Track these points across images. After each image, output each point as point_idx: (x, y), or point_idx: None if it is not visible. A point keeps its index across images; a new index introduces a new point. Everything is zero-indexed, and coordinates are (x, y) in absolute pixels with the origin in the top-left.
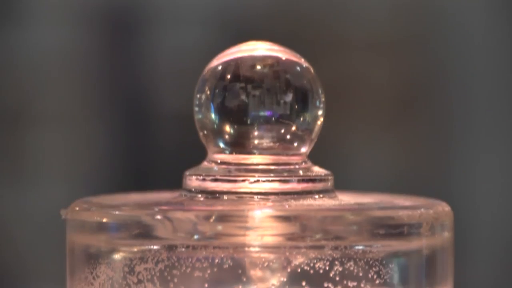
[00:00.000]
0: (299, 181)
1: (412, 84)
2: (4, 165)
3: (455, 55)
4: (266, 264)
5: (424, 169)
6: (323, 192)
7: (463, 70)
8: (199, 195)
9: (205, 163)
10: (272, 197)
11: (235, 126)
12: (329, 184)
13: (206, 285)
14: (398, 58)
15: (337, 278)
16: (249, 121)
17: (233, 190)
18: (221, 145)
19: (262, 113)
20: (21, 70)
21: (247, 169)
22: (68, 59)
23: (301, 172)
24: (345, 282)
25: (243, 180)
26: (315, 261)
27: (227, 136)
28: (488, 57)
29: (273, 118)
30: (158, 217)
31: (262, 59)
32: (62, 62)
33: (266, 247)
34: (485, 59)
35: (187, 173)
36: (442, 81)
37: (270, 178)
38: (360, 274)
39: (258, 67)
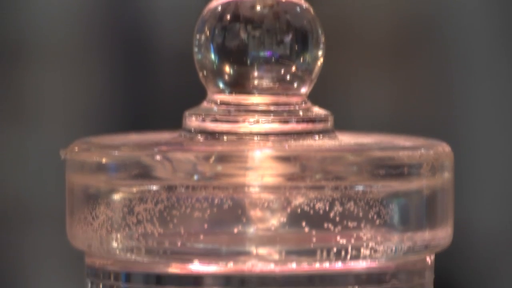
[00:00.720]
0: (298, 121)
1: (413, 24)
2: (3, 104)
3: None
4: (266, 204)
5: (424, 109)
6: (323, 132)
7: (464, 10)
8: (199, 136)
9: (204, 104)
10: (272, 137)
11: (235, 67)
12: (329, 124)
13: (205, 226)
14: None
15: (337, 219)
16: (248, 62)
17: (233, 130)
18: (221, 85)
19: (261, 54)
20: (20, 7)
21: (247, 110)
22: None
23: (301, 113)
24: (345, 222)
25: (243, 121)
26: (315, 201)
27: (226, 77)
28: None
29: (273, 59)
30: (158, 157)
31: None
32: (61, 1)
33: (266, 188)
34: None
35: (187, 113)
36: (443, 21)
37: (270, 119)
38: (360, 214)
39: (258, 7)
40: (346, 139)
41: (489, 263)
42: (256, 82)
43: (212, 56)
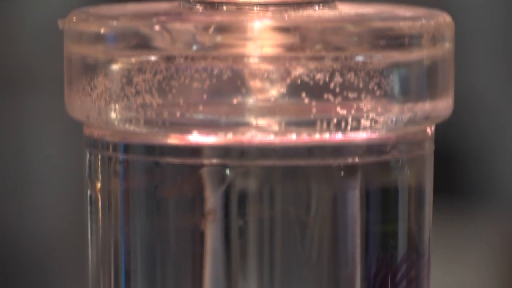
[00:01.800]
0: None
1: None
2: None
3: None
4: (265, 75)
5: None
6: (323, 2)
7: None
8: (198, 6)
9: None
10: (271, 7)
11: None
12: None
13: (205, 96)
14: None
15: (337, 90)
16: None
17: (232, 0)
18: None
19: None
20: None
21: None
22: None
23: None
24: (345, 93)
25: None
26: (315, 72)
27: None
28: None
29: None
30: (157, 27)
31: None
32: None
33: (265, 58)
34: None
35: None
36: None
37: None
38: (361, 85)
39: None
40: (346, 9)
41: (489, 134)
42: None
43: None
